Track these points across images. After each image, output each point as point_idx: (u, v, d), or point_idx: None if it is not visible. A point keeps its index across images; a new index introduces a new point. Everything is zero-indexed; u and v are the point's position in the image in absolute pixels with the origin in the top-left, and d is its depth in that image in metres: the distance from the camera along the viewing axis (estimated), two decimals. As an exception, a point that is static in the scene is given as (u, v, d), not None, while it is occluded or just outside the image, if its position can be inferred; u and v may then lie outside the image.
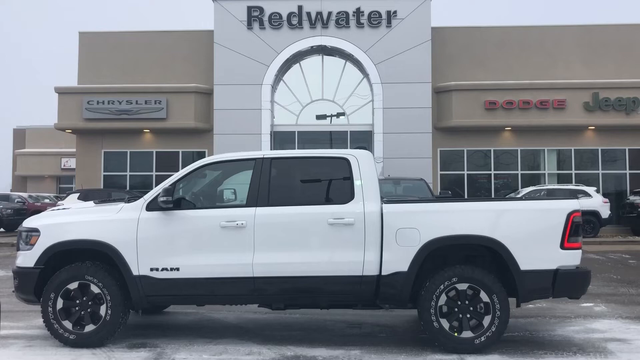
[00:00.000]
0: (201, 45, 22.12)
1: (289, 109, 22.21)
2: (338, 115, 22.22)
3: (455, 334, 5.51)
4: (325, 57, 22.15)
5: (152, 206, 5.82)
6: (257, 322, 7.00)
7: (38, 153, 38.01)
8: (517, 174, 21.84)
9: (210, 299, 5.92)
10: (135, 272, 5.69)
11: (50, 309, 5.71)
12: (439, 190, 20.63)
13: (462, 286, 5.54)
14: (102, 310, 5.72)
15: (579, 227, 5.61)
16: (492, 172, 21.82)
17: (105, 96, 21.48)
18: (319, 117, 22.18)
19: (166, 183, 5.92)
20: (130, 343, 5.90)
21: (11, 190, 36.67)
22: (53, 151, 37.33)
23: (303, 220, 5.68)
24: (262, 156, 5.96)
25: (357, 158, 5.89)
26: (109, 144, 22.25)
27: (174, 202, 5.79)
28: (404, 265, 5.56)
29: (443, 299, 5.56)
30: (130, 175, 22.04)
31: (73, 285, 5.74)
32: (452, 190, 19.95)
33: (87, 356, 5.45)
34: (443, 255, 5.85)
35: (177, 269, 5.67)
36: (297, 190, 6.07)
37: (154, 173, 21.93)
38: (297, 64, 22.16)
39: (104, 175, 22.31)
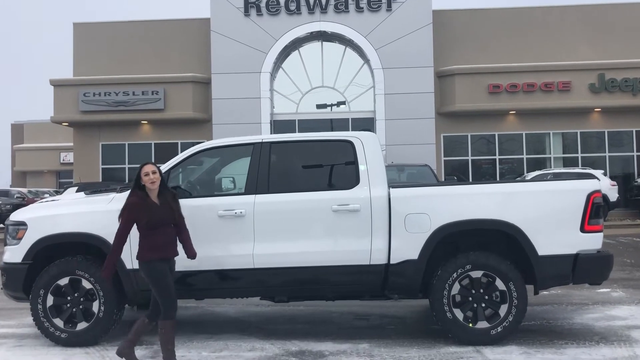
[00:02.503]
0: (198, 34, 21.70)
1: (288, 97, 21.81)
2: (339, 104, 21.83)
3: (470, 325, 5.19)
4: (324, 43, 21.71)
5: (145, 196, 5.47)
6: (259, 315, 6.69)
7: (37, 148, 37.70)
8: (522, 158, 21.46)
9: (208, 293, 5.60)
10: (128, 266, 5.36)
11: (40, 306, 5.39)
12: (443, 176, 20.28)
13: (477, 274, 5.21)
14: (95, 306, 5.40)
15: (599, 209, 5.27)
16: (497, 157, 21.44)
17: (102, 88, 21.11)
18: (319, 107, 21.80)
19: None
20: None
21: (10, 186, 36.39)
22: (52, 146, 37.03)
23: (305, 207, 5.34)
24: (260, 140, 5.61)
25: (362, 140, 5.54)
26: (107, 136, 21.91)
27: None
28: (413, 253, 5.23)
29: (456, 287, 5.23)
30: (129, 167, 21.70)
31: (63, 281, 5.42)
32: (456, 176, 19.59)
33: (79, 355, 5.15)
34: (455, 242, 5.51)
35: (173, 262, 5.33)
36: (298, 176, 5.72)
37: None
38: (296, 51, 21.73)
39: (103, 168, 21.99)
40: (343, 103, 21.83)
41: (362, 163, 5.43)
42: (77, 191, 17.47)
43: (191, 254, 4.84)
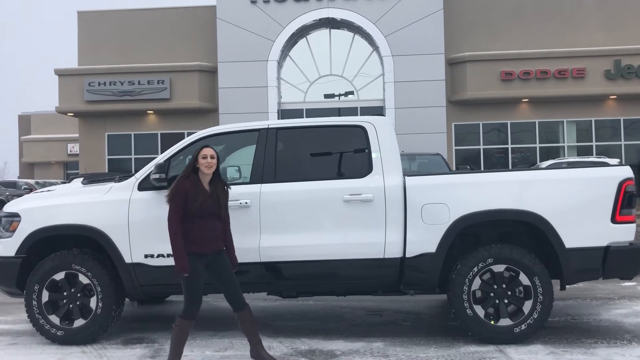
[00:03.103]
0: (204, 22, 21.33)
1: (296, 86, 21.42)
2: (346, 94, 21.41)
3: (492, 322, 4.85)
4: (332, 30, 21.27)
5: (144, 185, 5.17)
6: (266, 310, 6.37)
7: (44, 139, 37.58)
8: (535, 147, 20.97)
9: (212, 288, 5.27)
10: (127, 260, 5.06)
11: (34, 302, 5.10)
12: (454, 166, 19.86)
13: (499, 268, 4.86)
14: (93, 302, 5.10)
15: (632, 198, 4.89)
16: (509, 146, 20.97)
17: (107, 77, 20.83)
18: (327, 97, 21.40)
19: (159, 159, 5.26)
20: (125, 338, 5.30)
21: (18, 177, 36.34)
22: (59, 137, 36.90)
23: (315, 197, 4.99)
24: (266, 126, 5.26)
25: (375, 126, 5.17)
26: (112, 126, 21.65)
27: (169, 180, 5.12)
28: (431, 246, 4.88)
29: (477, 282, 4.88)
30: (135, 158, 21.45)
31: (59, 276, 5.13)
32: (468, 166, 19.16)
33: (76, 355, 4.85)
34: (475, 234, 5.17)
35: (175, 255, 5.01)
36: (307, 164, 5.36)
37: (159, 155, 21.25)
38: (304, 39, 21.31)
39: (109, 159, 21.75)
40: (351, 93, 21.41)
41: (375, 150, 5.07)
42: (82, 182, 17.27)
43: (235, 262, 4.46)
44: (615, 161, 18.36)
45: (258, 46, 20.36)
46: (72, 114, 21.90)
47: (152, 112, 21.47)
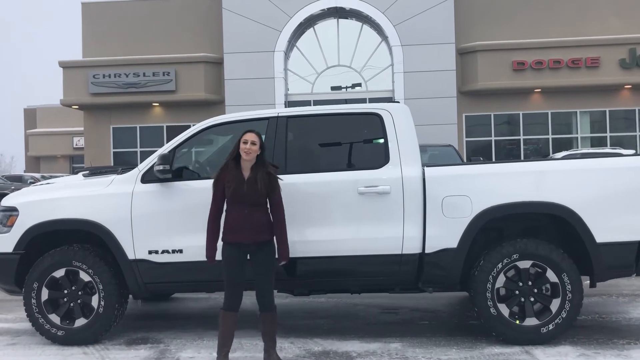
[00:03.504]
0: (209, 12, 20.97)
1: (303, 77, 21.07)
2: (354, 86, 21.04)
3: (517, 322, 4.56)
4: (340, 20, 20.88)
5: (148, 177, 4.89)
6: (277, 308, 6.08)
7: (49, 133, 37.47)
8: (548, 138, 20.55)
9: (220, 285, 4.98)
10: (130, 256, 4.80)
11: (33, 300, 4.85)
12: (465, 158, 19.47)
13: (525, 264, 4.56)
14: (94, 301, 4.84)
15: (668, 189, 4.56)
16: (521, 137, 20.54)
17: (112, 69, 20.55)
18: (334, 89, 21.04)
19: (163, 149, 4.98)
20: (129, 338, 5.04)
21: (24, 171, 36.27)
22: (64, 130, 36.76)
23: (328, 189, 4.70)
24: (276, 115, 4.97)
25: (392, 113, 4.87)
26: (118, 119, 21.39)
27: (174, 171, 4.86)
28: (452, 241, 4.59)
29: (501, 279, 4.59)
30: (140, 151, 21.21)
31: (59, 273, 4.88)
32: (481, 157, 18.76)
33: (77, 356, 4.62)
34: (498, 228, 4.86)
35: (180, 251, 4.76)
36: (319, 155, 5.07)
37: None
38: (311, 29, 20.94)
39: (114, 152, 21.52)
40: (358, 85, 21.03)
41: (392, 139, 4.77)
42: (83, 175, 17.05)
43: (283, 254, 4.20)
44: (630, 152, 17.95)
45: (264, 37, 20.02)
46: (76, 107, 21.67)
47: (157, 104, 21.20)
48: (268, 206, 4.19)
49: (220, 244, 4.20)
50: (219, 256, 4.20)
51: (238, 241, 4.08)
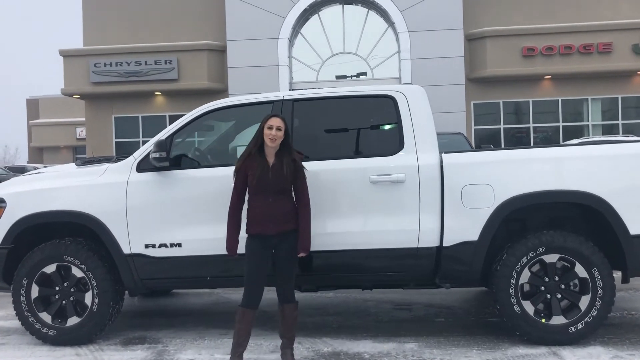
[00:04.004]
0: (212, -1, 20.54)
1: (308, 65, 20.63)
2: (359, 75, 20.60)
3: (543, 320, 4.21)
4: (345, 6, 20.38)
5: (144, 166, 4.56)
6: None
7: (52, 123, 37.19)
8: (558, 126, 20.09)
9: (222, 282, 4.69)
10: (126, 250, 4.47)
11: (23, 298, 4.55)
12: (474, 146, 19.06)
13: (551, 258, 4.21)
14: (88, 298, 4.53)
15: None
16: (531, 125, 20.09)
17: (113, 57, 20.18)
18: (338, 78, 20.60)
19: (160, 135, 4.63)
20: (125, 338, 4.73)
21: (27, 162, 36.05)
22: (67, 121, 36.48)
23: (337, 178, 4.35)
24: (281, 98, 4.61)
25: (406, 95, 4.50)
26: (119, 108, 21.05)
27: (171, 159, 4.52)
28: (473, 234, 4.24)
29: (526, 275, 4.24)
30: (143, 141, 20.86)
31: (50, 269, 4.56)
32: (491, 145, 18.34)
33: (69, 357, 4.32)
34: (521, 219, 4.50)
35: (179, 245, 4.43)
36: (328, 141, 4.70)
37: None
38: (316, 15, 20.47)
39: (116, 142, 21.20)
40: (364, 73, 20.59)
41: (407, 123, 4.40)
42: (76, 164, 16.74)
43: (304, 245, 3.91)
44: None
45: (268, 23, 19.57)
46: (77, 96, 21.34)
47: (159, 93, 20.84)
48: (292, 195, 3.94)
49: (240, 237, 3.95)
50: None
51: (262, 233, 3.83)
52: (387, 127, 4.55)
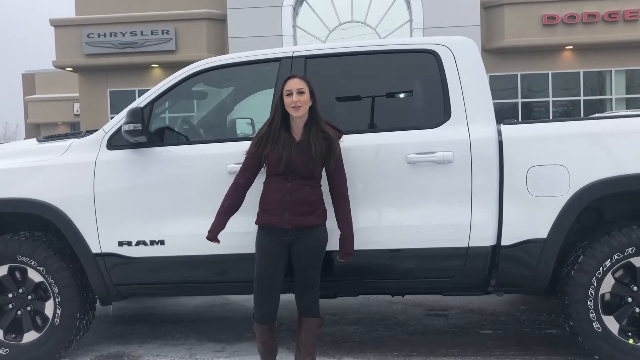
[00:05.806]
0: (211, -36, 19.32)
1: (313, 35, 19.47)
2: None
3: (631, 342, 3.26)
4: (353, -29, 19.16)
5: (116, 142, 3.59)
6: (292, 308, 4.82)
7: (49, 99, 36.09)
8: (579, 100, 18.97)
9: (217, 288, 3.75)
10: (95, 249, 3.53)
11: (-32, 308, 3.61)
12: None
13: (642, 262, 3.24)
14: (48, 308, 3.62)
15: None
16: (550, 98, 18.97)
17: (107, 28, 19.06)
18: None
19: (136, 103, 3.65)
20: (98, 355, 3.81)
21: (24, 139, 35.14)
22: (64, 96, 35.36)
23: (364, 157, 3.37)
24: (290, 54, 3.60)
25: (453, 50, 3.50)
26: (115, 82, 20.00)
27: (151, 133, 3.55)
28: (541, 229, 3.27)
29: (608, 282, 3.29)
30: (140, 116, 19.88)
31: (1, 271, 3.63)
32: (513, 120, 17.31)
33: (24, 385, 3.38)
34: (598, 210, 3.53)
35: (162, 242, 3.49)
36: (351, 110, 3.72)
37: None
38: (322, -19, 19.25)
39: (112, 118, 20.16)
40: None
41: (455, 86, 3.40)
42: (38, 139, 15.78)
43: (347, 247, 3.09)
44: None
45: (271, -10, 18.40)
46: (70, 69, 20.29)
47: (156, 65, 19.75)
48: (320, 182, 3.07)
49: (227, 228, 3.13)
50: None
51: (273, 225, 2.99)
52: (428, 91, 3.54)
